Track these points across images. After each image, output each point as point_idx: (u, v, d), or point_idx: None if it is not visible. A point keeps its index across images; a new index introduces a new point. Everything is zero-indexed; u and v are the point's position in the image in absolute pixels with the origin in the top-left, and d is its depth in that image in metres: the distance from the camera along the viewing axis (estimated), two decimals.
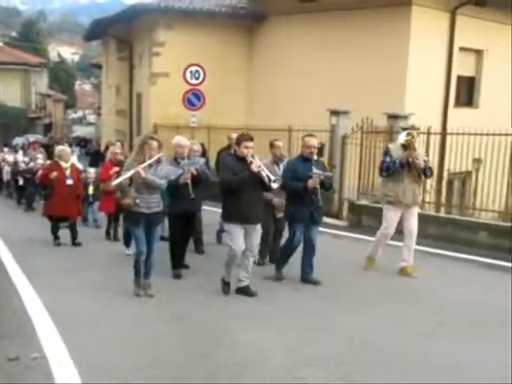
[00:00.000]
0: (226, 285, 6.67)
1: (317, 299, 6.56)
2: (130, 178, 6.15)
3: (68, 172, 9.68)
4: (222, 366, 4.51)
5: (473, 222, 9.85)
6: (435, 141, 11.20)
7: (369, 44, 15.45)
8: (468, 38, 15.75)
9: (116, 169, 9.20)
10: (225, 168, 6.45)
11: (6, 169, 19.35)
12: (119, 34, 22.47)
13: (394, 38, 14.97)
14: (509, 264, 8.16)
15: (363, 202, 12.08)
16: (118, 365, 4.53)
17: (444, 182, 12.54)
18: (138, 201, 6.20)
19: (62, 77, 64.69)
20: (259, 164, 6.28)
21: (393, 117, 12.03)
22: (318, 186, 6.86)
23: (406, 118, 12.01)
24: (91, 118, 62.23)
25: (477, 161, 10.94)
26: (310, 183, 6.76)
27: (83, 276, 7.58)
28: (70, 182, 9.62)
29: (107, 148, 14.70)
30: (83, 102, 70.52)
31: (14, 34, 68.43)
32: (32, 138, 33.11)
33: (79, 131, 48.92)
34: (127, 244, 8.64)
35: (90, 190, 12.05)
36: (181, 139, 7.59)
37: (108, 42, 25.44)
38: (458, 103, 16.46)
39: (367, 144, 12.09)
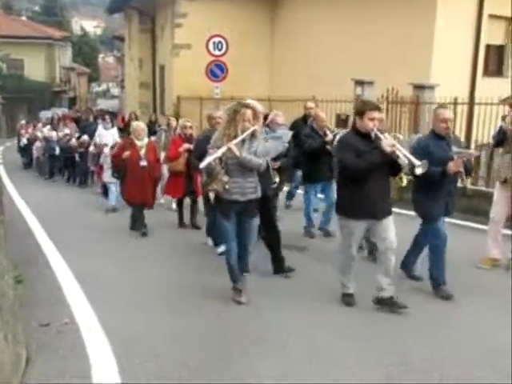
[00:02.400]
0: (348, 296, 5.31)
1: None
2: (220, 158, 5.04)
3: (143, 152, 8.30)
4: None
5: None
6: (462, 111, 11.01)
7: (394, 13, 15.14)
8: (497, 6, 15.32)
9: (186, 145, 8.21)
10: (344, 147, 5.02)
11: (37, 144, 18.57)
12: (141, 6, 22.39)
13: (419, 6, 14.64)
14: None
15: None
16: (145, 332, 4.65)
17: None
18: (227, 186, 5.08)
19: (85, 50, 64.77)
20: (393, 142, 4.89)
21: (419, 87, 11.85)
22: (462, 170, 5.41)
23: (432, 88, 11.82)
24: (115, 90, 62.27)
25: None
26: (452, 166, 5.25)
27: (112, 247, 7.72)
28: (143, 163, 8.28)
29: (129, 120, 14.76)
30: (107, 75, 70.58)
31: (37, 8, 68.58)
32: (58, 111, 33.36)
33: (103, 104, 49.05)
34: (216, 240, 7.17)
35: None
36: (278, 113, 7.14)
37: (130, 15, 25.36)
38: (486, 73, 16.09)
39: (393, 115, 11.95)
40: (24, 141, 20.61)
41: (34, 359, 4.03)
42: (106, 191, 11.21)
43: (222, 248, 6.67)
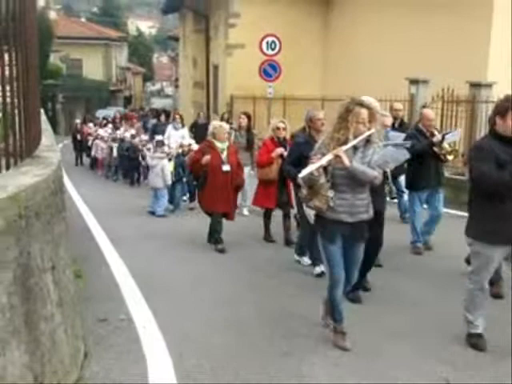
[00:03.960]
0: (476, 337, 4.38)
1: None
2: (325, 168, 4.17)
3: (224, 155, 7.40)
4: None
5: None
6: None
7: (449, 9, 14.74)
8: None
9: (280, 150, 7.31)
10: (482, 155, 4.06)
11: (101, 145, 17.24)
12: (196, 7, 22.58)
13: (476, 1, 14.20)
14: None
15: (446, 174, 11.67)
16: (198, 330, 4.66)
17: None
18: (332, 203, 4.17)
19: (140, 50, 65.89)
20: None
21: (475, 85, 11.49)
22: None
23: (489, 86, 11.45)
24: (169, 90, 63.19)
25: None
26: None
27: (169, 245, 7.78)
28: (226, 168, 7.33)
29: (168, 116, 14.71)
30: (161, 74, 71.68)
31: (95, 9, 70.22)
32: (113, 110, 33.84)
33: (157, 103, 49.81)
34: (313, 257, 6.33)
35: (170, 165, 10.41)
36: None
37: (185, 15, 25.64)
38: None
39: (448, 114, 11.65)
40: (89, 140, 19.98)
41: (91, 353, 4.09)
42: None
43: (320, 268, 5.94)
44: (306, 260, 6.54)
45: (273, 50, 14.90)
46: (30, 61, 3.90)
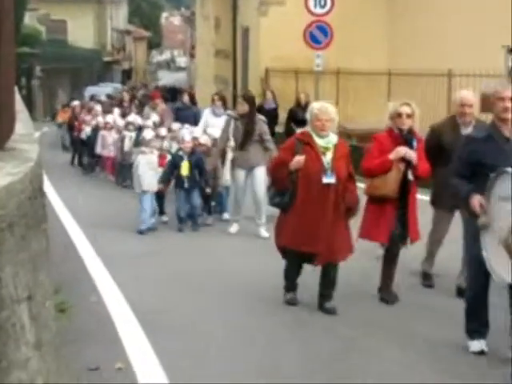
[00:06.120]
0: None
1: None
2: None
3: (328, 158, 6.27)
4: None
5: None
6: None
7: None
8: None
9: (403, 150, 6.36)
10: None
11: (114, 136, 15.77)
12: None
13: None
14: None
15: None
16: None
17: None
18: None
19: (144, 8, 66.70)
20: None
21: None
22: None
23: None
24: (181, 60, 63.72)
25: None
26: None
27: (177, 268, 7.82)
28: (329, 179, 6.18)
29: (193, 97, 14.38)
30: (171, 40, 72.30)
31: None
32: (109, 88, 33.75)
33: (166, 78, 50.09)
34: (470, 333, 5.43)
35: (184, 167, 9.95)
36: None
37: None
38: None
39: None
40: (87, 131, 19.02)
41: None
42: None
43: (480, 344, 5.31)
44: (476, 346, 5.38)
45: (323, 7, 14.90)
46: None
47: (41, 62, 39.79)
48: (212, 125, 11.01)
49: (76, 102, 23.84)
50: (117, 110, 18.45)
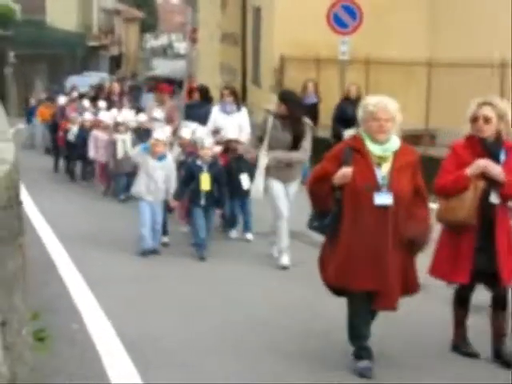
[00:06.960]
0: None
1: None
2: None
3: (384, 170, 5.61)
4: None
5: None
6: None
7: None
8: None
9: (484, 163, 5.71)
10: None
11: (103, 139, 15.02)
12: None
13: None
14: None
15: None
16: None
17: None
18: None
19: None
20: None
21: None
22: None
23: None
24: (180, 46, 64.01)
25: None
26: None
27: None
28: (383, 199, 5.51)
29: (207, 93, 14.03)
30: (168, 22, 72.66)
31: None
32: (93, 77, 33.74)
33: (162, 67, 50.23)
34: None
35: (205, 180, 9.39)
36: None
37: None
38: None
39: None
40: (74, 130, 18.45)
41: None
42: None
43: None
44: None
45: None
46: None
47: (15, 47, 39.95)
48: (222, 125, 10.71)
49: (62, 98, 23.03)
50: (102, 104, 17.94)
